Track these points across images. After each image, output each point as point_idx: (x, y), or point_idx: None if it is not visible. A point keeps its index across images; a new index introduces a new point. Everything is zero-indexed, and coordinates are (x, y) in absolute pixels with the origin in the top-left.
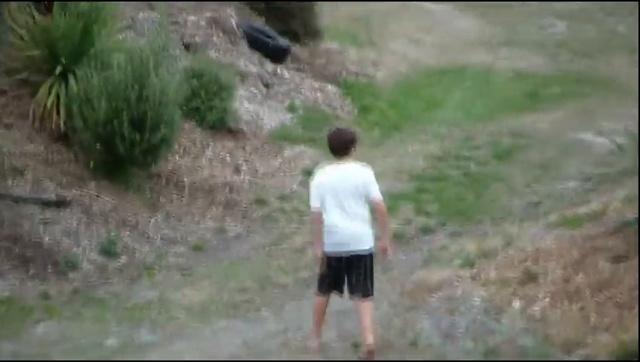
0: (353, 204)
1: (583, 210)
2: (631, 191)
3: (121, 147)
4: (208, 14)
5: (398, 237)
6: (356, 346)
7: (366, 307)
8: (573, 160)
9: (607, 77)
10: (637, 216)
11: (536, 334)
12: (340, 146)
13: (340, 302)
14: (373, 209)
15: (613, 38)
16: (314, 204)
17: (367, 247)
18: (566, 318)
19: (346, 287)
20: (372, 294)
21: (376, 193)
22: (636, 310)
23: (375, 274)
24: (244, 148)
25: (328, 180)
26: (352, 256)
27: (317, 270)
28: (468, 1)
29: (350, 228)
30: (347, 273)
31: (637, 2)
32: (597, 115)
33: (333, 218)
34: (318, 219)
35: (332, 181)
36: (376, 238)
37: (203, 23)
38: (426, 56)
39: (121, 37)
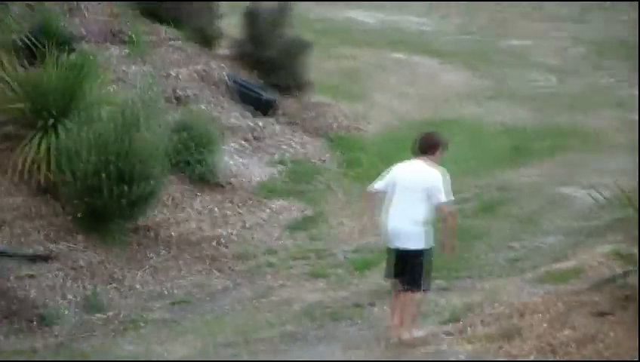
0: (409, 202)
1: (566, 264)
2: (614, 246)
3: (108, 200)
4: (199, 67)
5: (383, 292)
6: None
7: (406, 297)
8: (556, 214)
9: (594, 130)
10: (619, 272)
11: None
12: (423, 145)
13: None
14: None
15: (600, 92)
16: (374, 186)
17: (413, 248)
18: None
19: None
20: (418, 289)
21: (441, 199)
22: None
23: (360, 331)
24: (231, 201)
25: (399, 172)
26: (401, 250)
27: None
28: (457, 56)
29: (398, 225)
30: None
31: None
32: (582, 170)
33: (390, 210)
34: (366, 198)
35: (400, 174)
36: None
37: (193, 76)
38: (415, 109)
39: (111, 89)
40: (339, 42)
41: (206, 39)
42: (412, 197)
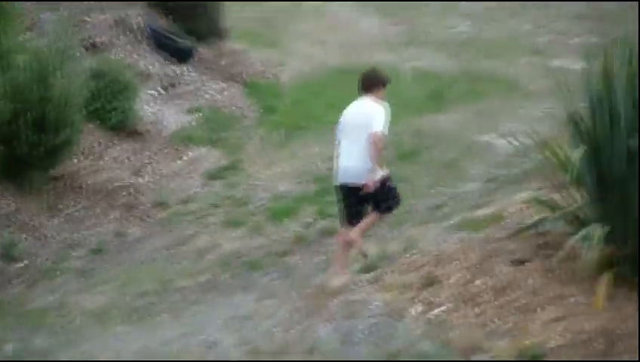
0: (356, 140)
1: (485, 212)
2: (531, 193)
3: (24, 148)
4: (114, 14)
5: (299, 241)
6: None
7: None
8: (476, 161)
9: (511, 77)
10: (537, 219)
11: (436, 339)
12: (364, 83)
13: None
14: None
15: (516, 39)
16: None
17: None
18: (466, 323)
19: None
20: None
21: (374, 127)
22: (537, 314)
23: (275, 280)
24: (148, 149)
25: (346, 113)
26: (351, 187)
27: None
28: (372, 1)
29: (348, 164)
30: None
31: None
32: (500, 116)
33: (340, 151)
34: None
35: (346, 115)
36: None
37: (109, 23)
38: (331, 56)
39: (24, 37)
40: None
41: None
42: (358, 134)
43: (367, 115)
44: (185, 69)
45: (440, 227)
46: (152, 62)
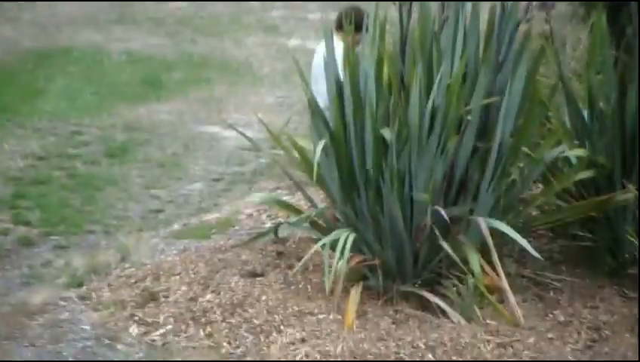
0: None
1: (210, 217)
2: (266, 194)
3: None
4: None
5: None
6: None
7: None
8: (200, 158)
9: (238, 59)
10: (270, 225)
11: None
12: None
13: None
14: None
15: (245, 14)
16: None
17: None
18: (195, 345)
19: None
20: None
21: None
22: (277, 334)
23: None
24: None
25: None
26: None
27: None
28: None
29: None
30: None
31: None
32: (227, 105)
33: None
34: None
35: None
36: None
37: None
38: (23, 36)
39: None
40: None
41: None
42: None
43: None
44: None
45: (158, 235)
46: None
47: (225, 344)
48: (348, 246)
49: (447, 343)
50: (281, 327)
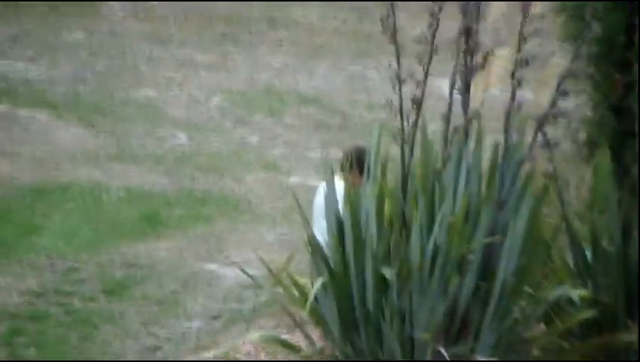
0: None
1: (208, 355)
2: (265, 332)
3: None
4: None
5: None
6: None
7: None
8: (198, 295)
9: (237, 196)
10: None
11: None
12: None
13: None
14: None
15: (244, 152)
16: None
17: None
18: None
19: None
20: None
21: None
22: None
23: None
24: None
25: None
26: None
27: None
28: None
29: None
30: None
31: None
32: (227, 243)
33: None
34: None
35: None
36: None
37: None
38: (22, 172)
39: None
40: None
41: None
42: None
43: None
44: None
45: None
46: None
47: None
48: None
49: None
50: None
